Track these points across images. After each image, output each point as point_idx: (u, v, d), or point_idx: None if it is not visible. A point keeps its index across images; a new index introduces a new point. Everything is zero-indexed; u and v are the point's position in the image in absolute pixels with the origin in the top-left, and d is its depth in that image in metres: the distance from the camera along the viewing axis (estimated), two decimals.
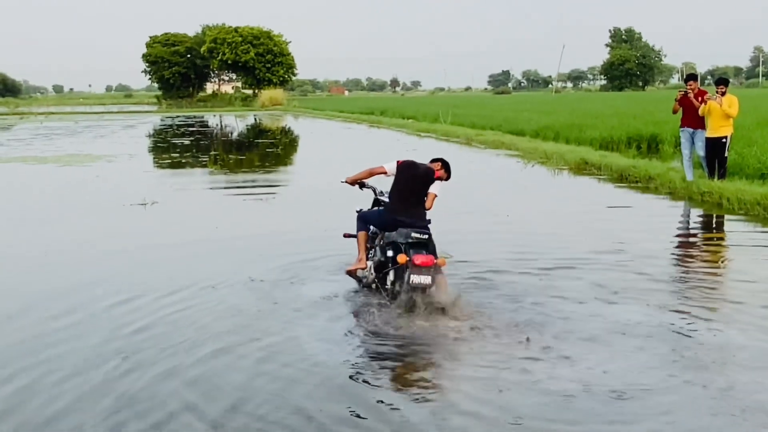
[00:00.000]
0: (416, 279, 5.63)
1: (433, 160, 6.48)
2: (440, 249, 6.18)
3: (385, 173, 6.31)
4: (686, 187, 11.75)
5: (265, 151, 23.11)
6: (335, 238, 7.14)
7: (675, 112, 12.16)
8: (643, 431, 3.83)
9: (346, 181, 6.64)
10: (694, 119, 11.67)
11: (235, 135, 33.52)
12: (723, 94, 11.24)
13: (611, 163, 14.94)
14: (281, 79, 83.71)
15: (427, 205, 6.26)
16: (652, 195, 12.16)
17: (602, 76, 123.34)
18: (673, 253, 8.17)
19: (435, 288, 5.75)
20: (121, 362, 4.84)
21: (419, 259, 5.64)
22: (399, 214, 6.13)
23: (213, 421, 4.00)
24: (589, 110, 31.74)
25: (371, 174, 6.45)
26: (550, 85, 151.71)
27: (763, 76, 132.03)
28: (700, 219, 10.44)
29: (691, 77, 12.18)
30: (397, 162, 6.32)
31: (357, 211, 6.62)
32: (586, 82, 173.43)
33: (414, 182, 6.22)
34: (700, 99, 11.51)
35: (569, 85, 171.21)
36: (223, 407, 4.16)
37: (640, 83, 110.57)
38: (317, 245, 8.17)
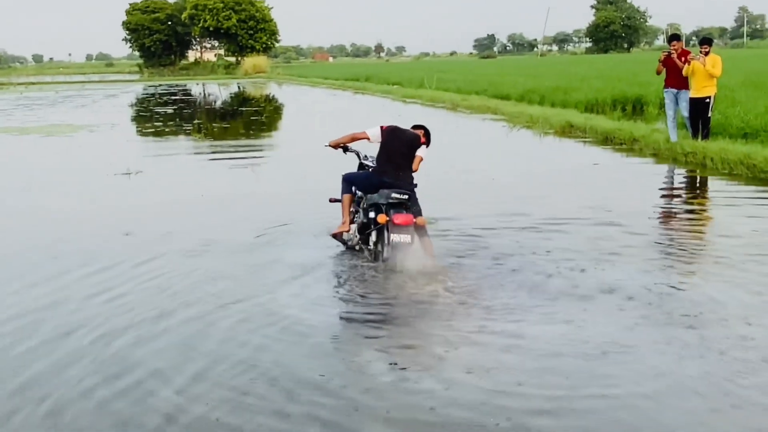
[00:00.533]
0: (396, 238, 5.78)
1: (416, 127, 6.55)
2: (425, 212, 6.20)
3: (368, 139, 6.36)
4: (670, 148, 11.81)
5: (249, 119, 22.93)
6: (320, 203, 7.15)
7: (659, 73, 12.15)
8: (627, 390, 3.88)
9: (329, 145, 6.68)
10: (677, 80, 11.67)
11: (218, 103, 33.21)
12: (706, 54, 11.22)
13: (596, 125, 14.96)
14: (264, 46, 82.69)
15: (414, 167, 6.33)
16: (637, 156, 12.21)
17: (587, 39, 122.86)
18: (657, 213, 8.24)
19: (419, 248, 5.84)
20: (91, 330, 4.83)
21: (399, 218, 5.78)
22: (386, 175, 6.18)
23: (179, 388, 3.97)
24: (575, 73, 31.65)
25: (353, 139, 6.50)
26: (535, 49, 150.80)
27: (747, 36, 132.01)
28: (684, 179, 10.51)
29: (675, 37, 12.15)
30: (381, 127, 6.36)
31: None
32: (571, 44, 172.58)
33: (402, 146, 6.28)
34: (683, 59, 11.49)
35: (555, 48, 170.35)
36: (190, 374, 4.13)
37: (626, 45, 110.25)
38: (301, 209, 8.18)
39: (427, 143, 6.51)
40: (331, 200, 6.77)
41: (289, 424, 3.60)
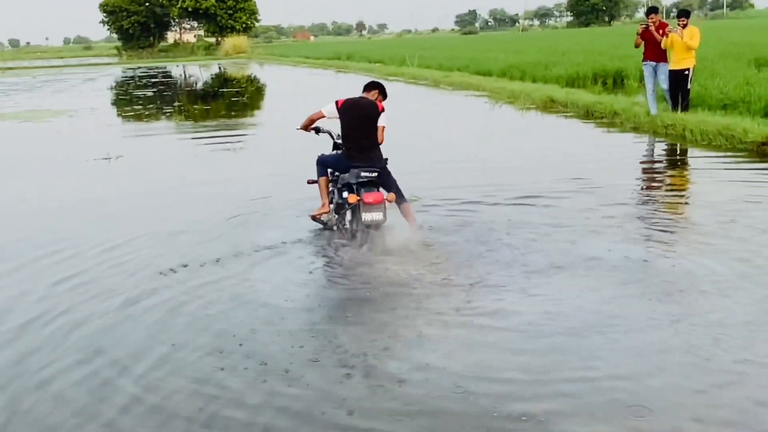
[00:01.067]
0: (368, 216, 5.86)
1: (369, 88, 6.36)
2: (408, 189, 6.22)
3: (325, 117, 6.28)
4: (650, 120, 11.87)
5: (231, 100, 22.76)
6: (299, 184, 7.15)
7: (637, 46, 12.15)
8: (612, 365, 3.90)
9: (300, 128, 6.62)
10: (656, 52, 11.68)
11: (200, 85, 32.90)
12: (684, 26, 11.23)
13: (577, 100, 15.00)
14: (244, 25, 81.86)
15: (379, 138, 6.24)
16: (617, 130, 12.27)
17: (568, 13, 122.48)
18: (637, 184, 8.31)
19: (393, 225, 5.93)
20: (43, 313, 4.85)
21: (369, 197, 5.85)
22: (354, 159, 6.17)
23: (137, 376, 3.94)
24: (556, 48, 31.60)
25: (312, 120, 6.41)
26: (516, 24, 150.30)
27: (727, 6, 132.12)
28: (664, 151, 10.58)
29: (653, 10, 12.16)
30: (336, 102, 6.23)
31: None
32: (552, 19, 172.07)
33: (361, 123, 6.17)
34: (661, 32, 11.51)
35: (536, 23, 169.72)
36: (150, 362, 4.08)
37: (606, 18, 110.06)
38: (278, 190, 8.19)
39: (384, 97, 6.36)
40: (309, 182, 6.75)
41: (249, 413, 3.48)
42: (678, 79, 11.49)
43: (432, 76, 25.06)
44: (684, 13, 11.49)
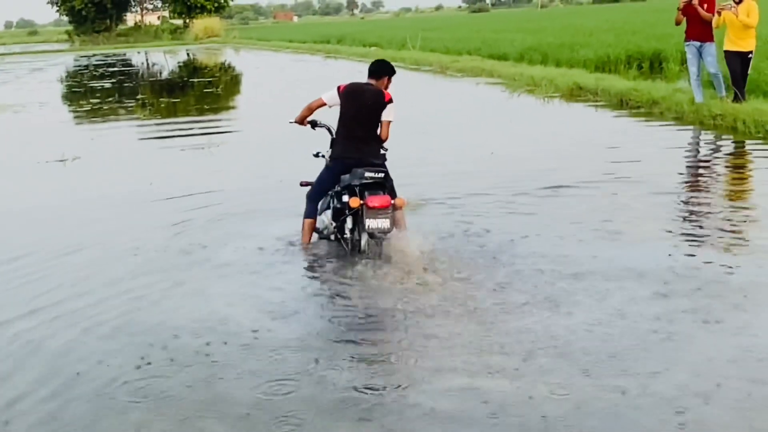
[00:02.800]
0: (373, 223, 5.74)
1: (379, 75, 6.22)
2: (416, 192, 6.24)
3: (325, 105, 6.28)
4: (695, 110, 11.89)
5: (201, 92, 22.80)
6: (286, 189, 7.18)
7: (678, 23, 12.08)
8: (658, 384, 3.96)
9: (294, 122, 6.60)
10: (700, 30, 11.62)
11: (165, 75, 32.95)
12: (739, 2, 11.14)
13: (609, 86, 15.04)
14: (216, 5, 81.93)
15: (382, 134, 6.22)
16: (657, 121, 12.31)
17: None
18: (686, 184, 8.38)
19: (400, 234, 5.92)
20: None
21: (374, 201, 5.71)
22: (346, 152, 6.14)
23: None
24: (582, 27, 31.71)
25: (311, 110, 6.40)
26: (534, 0, 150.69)
27: None
28: (713, 145, 10.62)
29: None
30: (338, 88, 6.21)
31: (314, 155, 6.63)
32: None
33: (362, 113, 6.14)
34: (706, 6, 11.46)
35: None
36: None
37: None
38: (256, 201, 8.27)
39: (389, 82, 6.27)
40: (302, 184, 6.71)
41: None
42: (739, 61, 11.35)
43: (438, 61, 25.12)
44: None
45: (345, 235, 6.22)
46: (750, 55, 11.35)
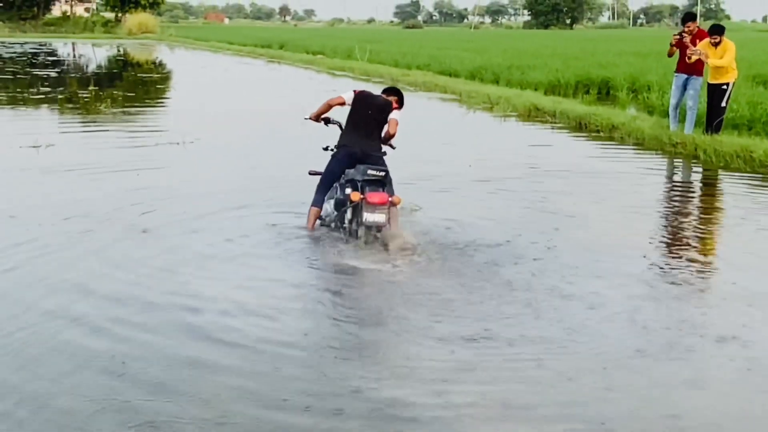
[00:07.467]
0: (370, 217, 6.33)
1: (388, 93, 7.06)
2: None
3: (344, 104, 6.88)
4: (656, 137, 12.44)
5: (135, 88, 22.42)
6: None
7: (670, 55, 12.40)
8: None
9: (309, 118, 7.15)
10: (688, 64, 11.89)
11: (92, 68, 31.97)
12: (716, 44, 11.41)
13: (567, 109, 15.53)
14: (151, 1, 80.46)
15: (390, 131, 6.88)
16: (616, 144, 12.81)
17: (525, 11, 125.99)
18: (658, 206, 8.80)
19: (394, 230, 6.43)
20: None
21: (374, 197, 6.29)
22: (352, 145, 6.73)
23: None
24: (524, 50, 32.59)
25: (330, 106, 6.96)
26: (465, 20, 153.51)
27: (701, 16, 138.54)
28: (677, 171, 11.18)
29: (689, 17, 12.50)
30: (354, 91, 6.92)
31: (324, 149, 7.16)
32: (506, 17, 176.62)
33: (371, 112, 6.83)
34: (699, 41, 11.74)
35: (488, 20, 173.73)
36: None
37: (568, 21, 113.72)
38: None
39: (400, 106, 7.00)
40: (310, 173, 7.15)
41: None
42: (713, 94, 11.70)
43: (388, 73, 25.37)
44: (717, 30, 11.56)
45: (344, 225, 6.72)
46: (724, 87, 11.56)
